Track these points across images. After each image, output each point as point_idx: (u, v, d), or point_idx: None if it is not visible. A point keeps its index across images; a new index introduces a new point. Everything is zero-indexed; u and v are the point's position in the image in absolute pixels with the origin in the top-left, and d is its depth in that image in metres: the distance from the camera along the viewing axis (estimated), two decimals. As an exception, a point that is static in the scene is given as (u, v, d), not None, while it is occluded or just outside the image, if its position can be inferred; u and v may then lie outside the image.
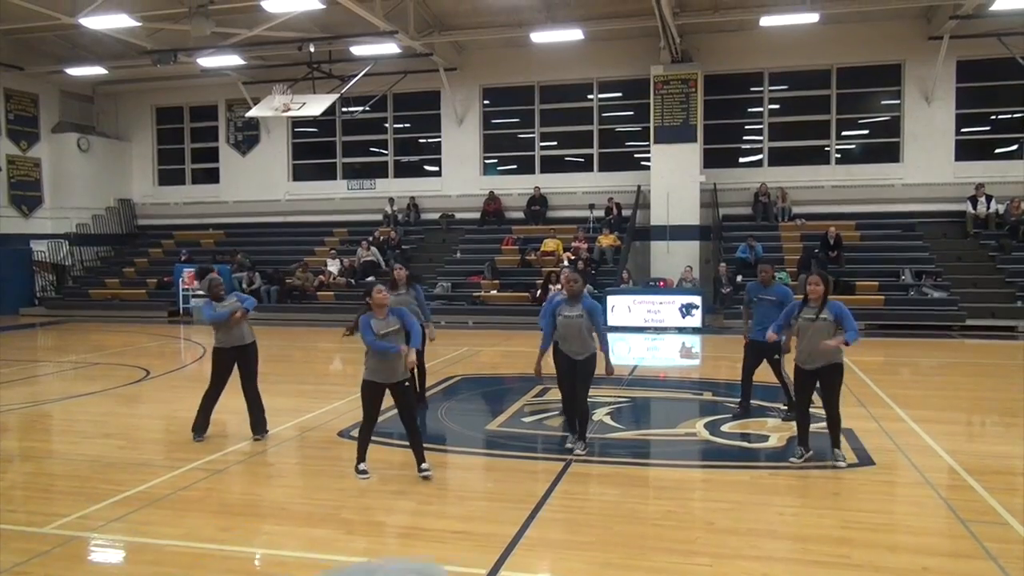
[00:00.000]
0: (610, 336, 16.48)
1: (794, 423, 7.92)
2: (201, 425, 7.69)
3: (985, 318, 16.60)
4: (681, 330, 16.89)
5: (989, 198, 19.05)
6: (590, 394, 7.36)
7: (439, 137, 23.48)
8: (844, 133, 20.98)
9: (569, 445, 7.11)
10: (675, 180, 20.04)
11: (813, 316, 6.53)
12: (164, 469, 6.72)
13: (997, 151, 20.22)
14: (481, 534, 5.22)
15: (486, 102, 23.13)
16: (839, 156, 20.94)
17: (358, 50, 19.89)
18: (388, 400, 6.46)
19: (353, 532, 5.31)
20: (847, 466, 6.60)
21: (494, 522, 5.44)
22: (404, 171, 24.15)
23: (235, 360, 7.65)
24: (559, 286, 7.85)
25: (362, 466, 6.46)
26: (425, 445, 6.52)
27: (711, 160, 20.98)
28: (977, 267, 18.23)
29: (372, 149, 24.49)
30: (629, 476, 6.74)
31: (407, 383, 6.43)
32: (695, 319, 16.96)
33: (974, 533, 5.14)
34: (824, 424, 6.85)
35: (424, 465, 6.34)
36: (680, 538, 5.14)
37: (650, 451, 7.63)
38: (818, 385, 6.73)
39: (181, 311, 21.00)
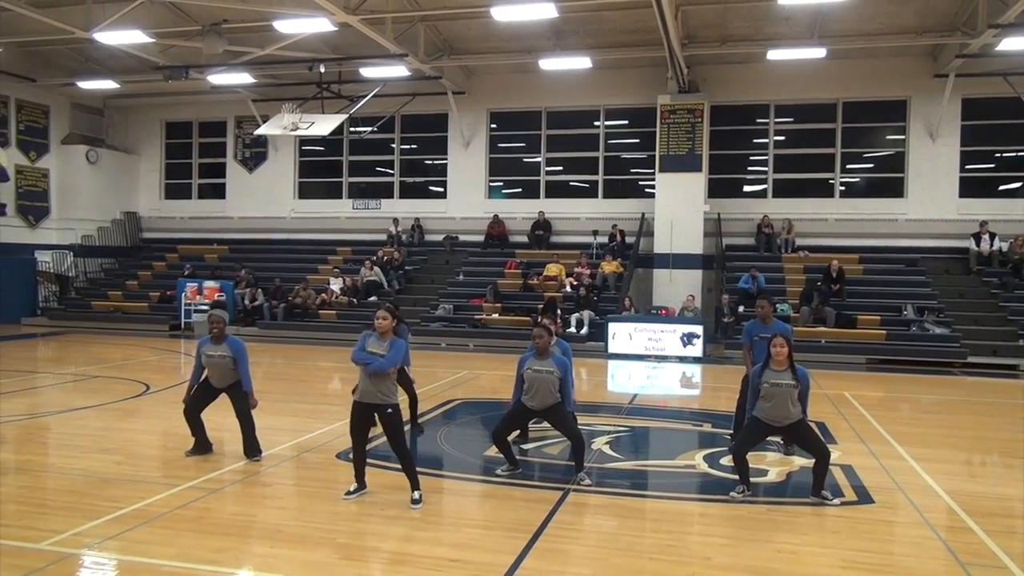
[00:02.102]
0: (611, 363, 16.43)
1: (793, 458, 7.95)
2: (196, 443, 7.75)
3: (987, 356, 16.56)
4: (682, 359, 16.87)
5: (992, 236, 19.10)
6: (589, 423, 7.33)
7: (445, 159, 23.62)
8: (849, 167, 21.07)
9: (588, 481, 7.05)
10: (679, 209, 20.12)
11: (781, 381, 6.49)
12: (161, 487, 6.70)
13: (1001, 189, 20.31)
14: (477, 563, 5.18)
15: (493, 126, 23.29)
16: (843, 189, 21.03)
17: (368, 71, 20.07)
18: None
19: (348, 557, 5.28)
20: (840, 503, 6.58)
21: (490, 551, 5.41)
22: (409, 192, 24.27)
23: (210, 393, 7.76)
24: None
25: (351, 487, 6.54)
26: (421, 469, 6.52)
27: (715, 190, 21.06)
28: (979, 304, 18.23)
29: (378, 169, 24.62)
30: (627, 507, 6.70)
31: (391, 410, 6.43)
32: (696, 348, 16.95)
33: (973, 577, 5.10)
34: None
35: (415, 495, 6.32)
36: (677, 573, 5.10)
37: (648, 482, 7.59)
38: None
39: (183, 325, 21.03)
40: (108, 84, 22.75)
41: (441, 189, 23.85)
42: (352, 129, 23.24)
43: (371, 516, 6.13)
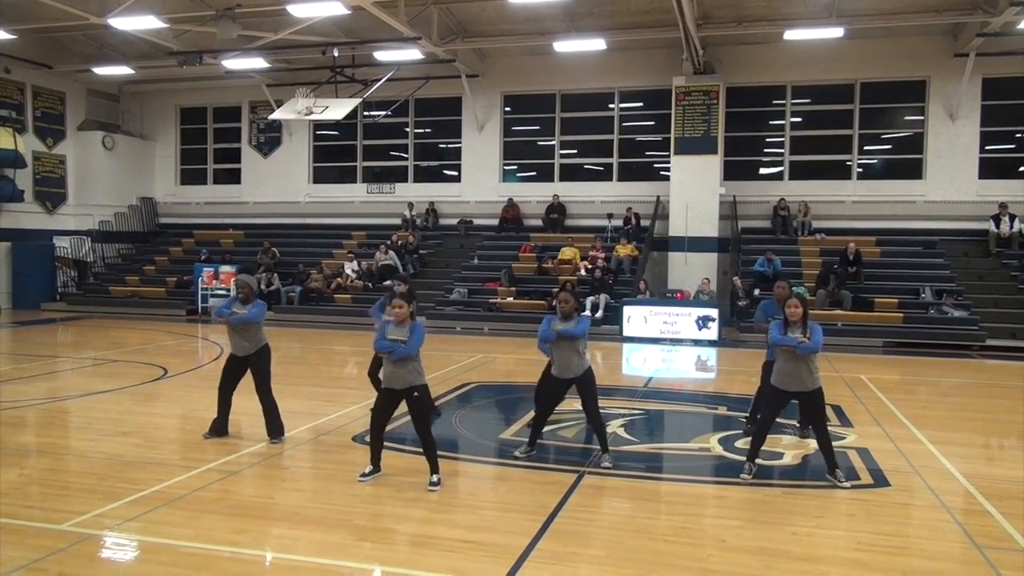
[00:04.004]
0: (626, 346, 16.40)
1: (809, 441, 7.92)
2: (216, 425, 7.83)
3: (1005, 339, 16.43)
4: (697, 342, 16.83)
5: (1012, 217, 18.88)
6: (605, 406, 7.34)
7: (459, 143, 23.57)
8: (866, 148, 20.85)
9: (607, 464, 7.06)
10: (694, 191, 20.01)
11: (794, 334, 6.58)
12: (180, 469, 6.78)
13: (1022, 170, 20.01)
14: (492, 544, 5.22)
15: (507, 109, 23.21)
16: (861, 171, 20.81)
17: (381, 55, 20.02)
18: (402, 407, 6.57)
19: (365, 539, 5.33)
20: (851, 486, 6.56)
21: (506, 533, 5.44)
22: (424, 176, 24.27)
23: (237, 367, 7.80)
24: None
25: (366, 469, 6.59)
26: (438, 452, 6.55)
27: (731, 172, 20.91)
28: (999, 287, 18.06)
29: (392, 153, 24.61)
30: (642, 490, 6.71)
31: (416, 392, 6.47)
32: (711, 332, 16.90)
33: (990, 560, 5.08)
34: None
35: (434, 478, 6.37)
36: (692, 555, 5.12)
37: (663, 465, 7.60)
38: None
39: (199, 310, 21.19)
40: (123, 70, 22.84)
41: (455, 173, 23.81)
42: (366, 113, 23.27)
43: (388, 498, 6.18)
